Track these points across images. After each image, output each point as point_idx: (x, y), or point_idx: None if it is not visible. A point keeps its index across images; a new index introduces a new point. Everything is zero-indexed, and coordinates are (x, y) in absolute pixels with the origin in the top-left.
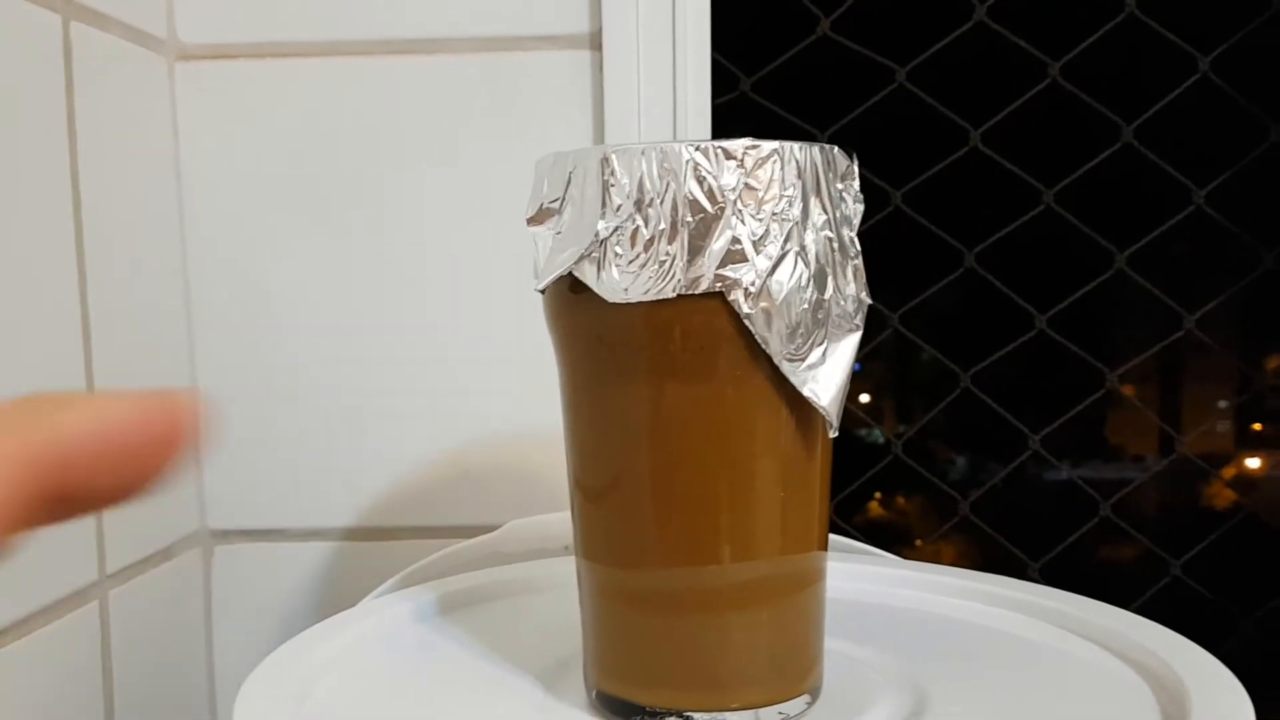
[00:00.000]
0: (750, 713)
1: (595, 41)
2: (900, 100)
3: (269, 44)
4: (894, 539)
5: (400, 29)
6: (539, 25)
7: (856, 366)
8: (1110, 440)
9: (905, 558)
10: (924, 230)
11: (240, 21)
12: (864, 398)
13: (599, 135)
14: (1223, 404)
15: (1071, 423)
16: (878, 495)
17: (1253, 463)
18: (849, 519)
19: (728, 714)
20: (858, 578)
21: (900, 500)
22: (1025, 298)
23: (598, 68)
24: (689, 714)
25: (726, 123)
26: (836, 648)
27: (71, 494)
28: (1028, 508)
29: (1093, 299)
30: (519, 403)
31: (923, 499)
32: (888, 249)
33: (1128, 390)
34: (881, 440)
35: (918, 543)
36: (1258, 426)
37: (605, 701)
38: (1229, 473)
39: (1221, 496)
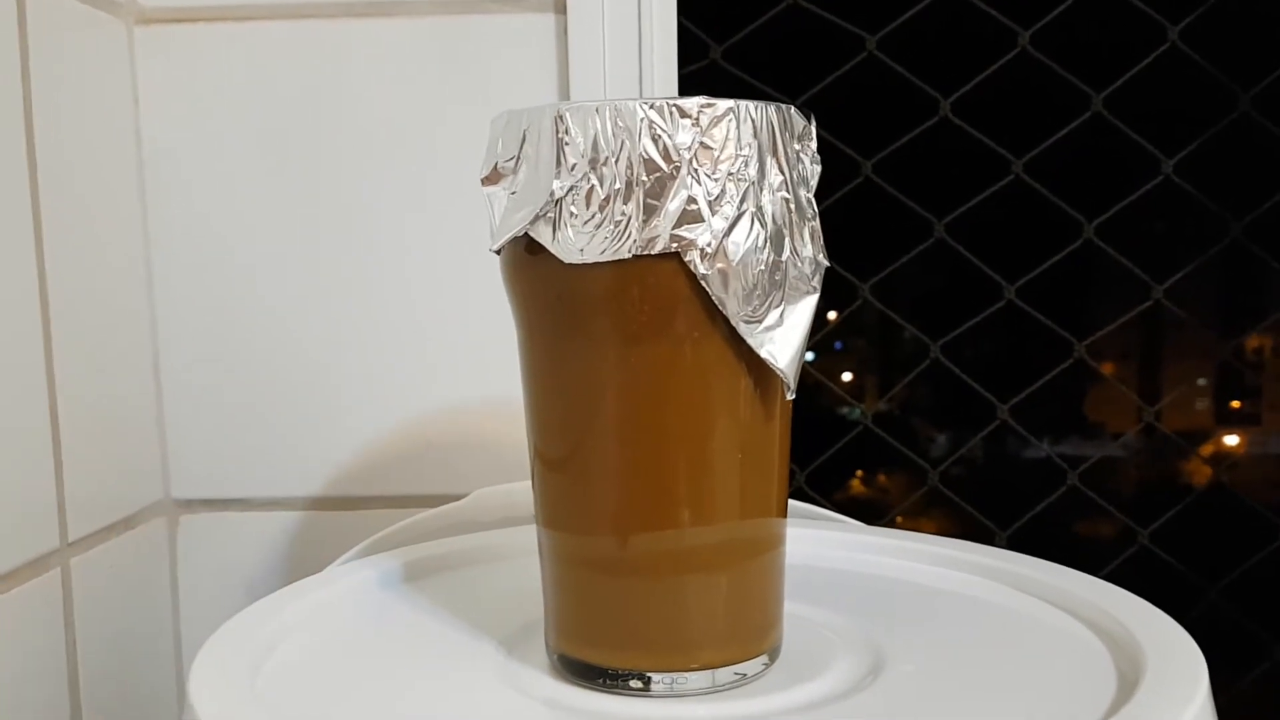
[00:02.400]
0: (708, 673)
1: (559, 4)
2: (870, 69)
3: (228, 7)
4: (876, 515)
5: None
6: None
7: (837, 345)
8: (1090, 417)
9: None
10: (894, 200)
11: None
12: (846, 376)
13: (564, 99)
14: (1202, 381)
15: (1052, 400)
16: (859, 473)
17: (1230, 439)
18: (830, 496)
19: (687, 674)
20: (822, 543)
21: (882, 478)
22: (996, 268)
23: (562, 31)
24: (648, 674)
25: (696, 91)
26: (798, 611)
27: None
28: (1005, 483)
29: (1065, 269)
30: (484, 371)
31: (905, 476)
32: (858, 219)
33: (1107, 368)
34: (861, 417)
35: (898, 520)
36: (1236, 404)
37: (567, 664)
38: (1207, 449)
39: (1199, 473)
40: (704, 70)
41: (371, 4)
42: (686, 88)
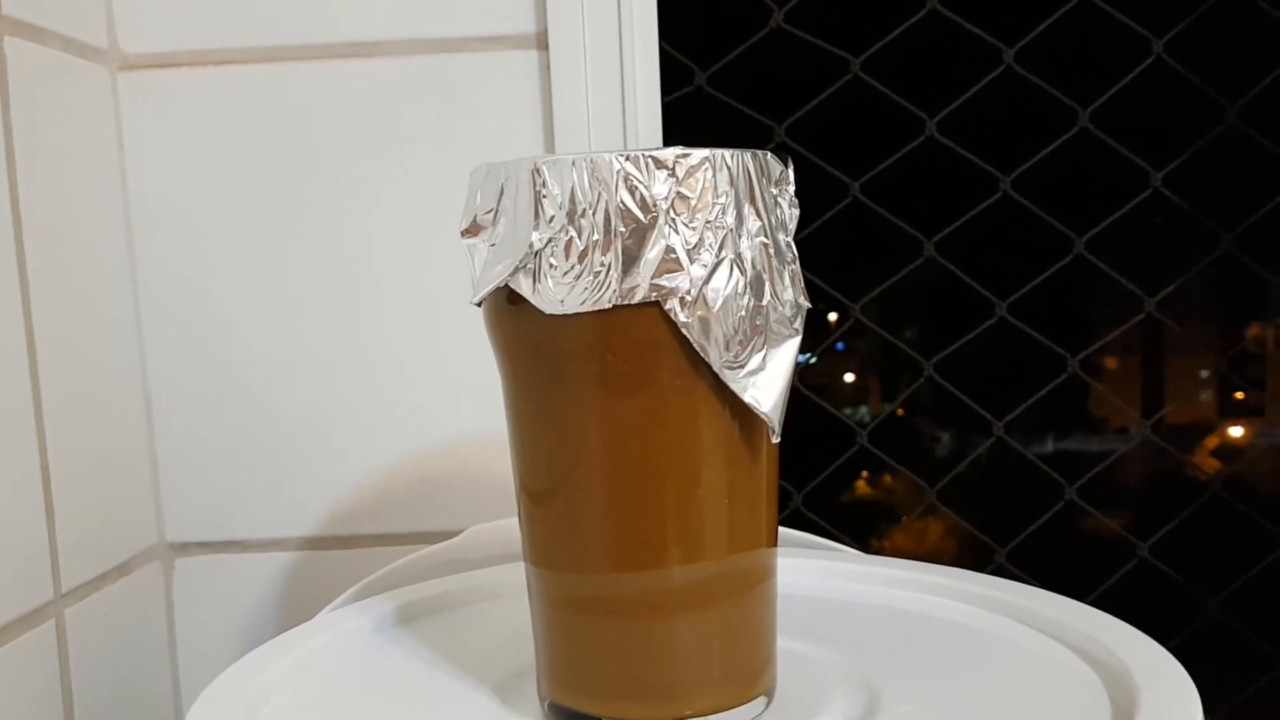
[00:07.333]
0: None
1: (541, 41)
2: (855, 91)
3: (212, 51)
4: (882, 516)
5: (342, 32)
6: (483, 26)
7: (839, 346)
8: (1094, 413)
9: (892, 534)
10: (883, 220)
11: (182, 29)
12: (849, 377)
13: (548, 135)
14: (1204, 373)
15: (1055, 398)
16: (864, 474)
17: (1235, 431)
18: (836, 499)
19: None
20: (814, 573)
21: (887, 478)
22: (987, 285)
23: (545, 67)
24: None
25: (682, 118)
26: (791, 647)
27: None
28: (1008, 484)
29: (1061, 282)
30: (475, 407)
31: (910, 477)
32: (848, 240)
33: (1110, 363)
34: (868, 418)
35: (904, 519)
36: (1240, 395)
37: (557, 712)
38: (1212, 442)
39: (1205, 466)
40: (689, 97)
41: (353, 45)
42: (672, 115)
